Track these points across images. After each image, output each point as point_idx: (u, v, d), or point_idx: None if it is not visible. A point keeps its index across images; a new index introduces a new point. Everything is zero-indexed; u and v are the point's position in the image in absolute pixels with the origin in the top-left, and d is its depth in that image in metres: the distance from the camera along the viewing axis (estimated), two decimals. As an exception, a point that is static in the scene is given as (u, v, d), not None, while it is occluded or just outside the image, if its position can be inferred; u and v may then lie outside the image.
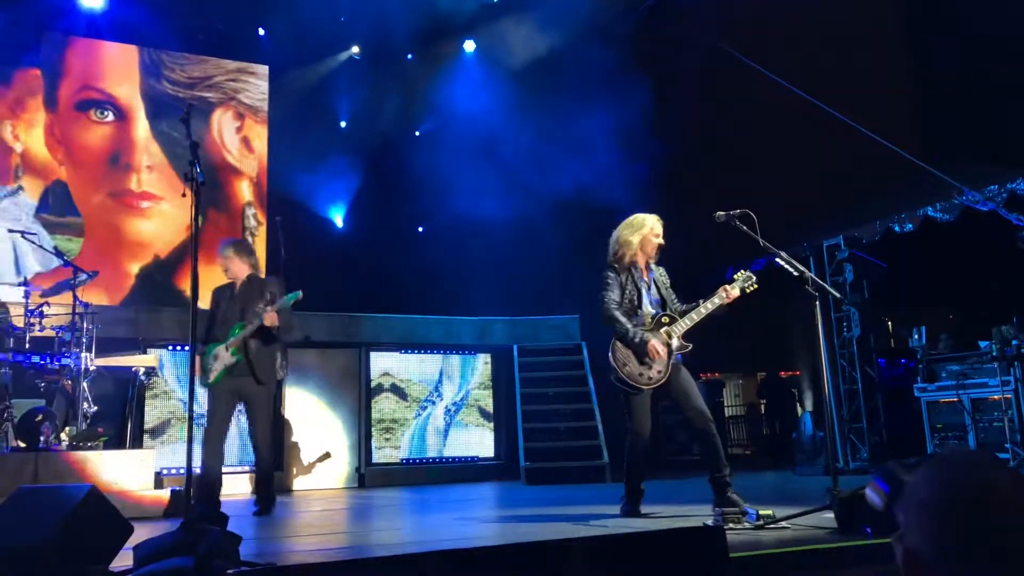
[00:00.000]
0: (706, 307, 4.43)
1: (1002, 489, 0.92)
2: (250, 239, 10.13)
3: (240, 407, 5.65)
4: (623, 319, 4.46)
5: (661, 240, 4.62)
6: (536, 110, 9.96)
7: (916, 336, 8.09)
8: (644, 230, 4.60)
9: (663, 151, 8.70)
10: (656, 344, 4.36)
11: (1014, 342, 7.15)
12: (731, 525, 3.77)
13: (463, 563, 2.03)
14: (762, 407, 12.08)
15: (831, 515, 3.66)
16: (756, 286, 4.46)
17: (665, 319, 4.48)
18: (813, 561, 3.02)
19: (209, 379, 5.43)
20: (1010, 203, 7.08)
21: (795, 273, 4.27)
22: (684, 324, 4.45)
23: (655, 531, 2.35)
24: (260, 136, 10.68)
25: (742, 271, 4.51)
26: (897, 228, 8.33)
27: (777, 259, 4.30)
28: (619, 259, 4.62)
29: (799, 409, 12.35)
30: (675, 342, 4.44)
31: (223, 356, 5.38)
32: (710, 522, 3.91)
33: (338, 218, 11.08)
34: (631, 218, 4.71)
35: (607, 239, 4.80)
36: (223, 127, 10.50)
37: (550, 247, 9.82)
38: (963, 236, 8.07)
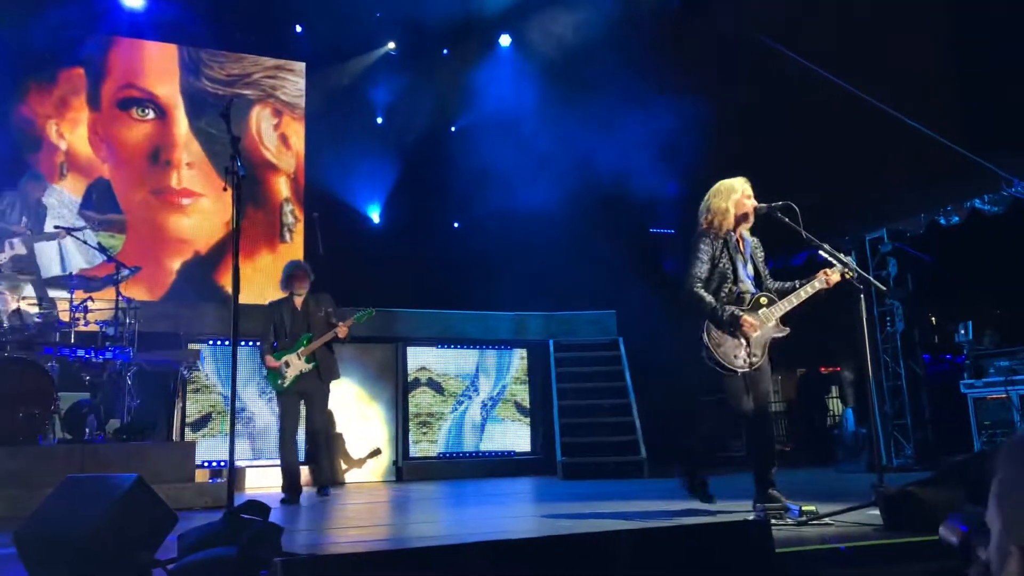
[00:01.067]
0: (806, 291, 4.19)
1: None
2: (288, 235, 10.24)
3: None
4: (706, 296, 4.17)
5: (755, 202, 4.30)
6: (572, 104, 9.93)
7: (962, 331, 7.92)
8: (736, 194, 4.28)
9: (700, 143, 8.61)
10: (750, 319, 4.09)
11: (1066, 337, 6.98)
12: (774, 520, 3.72)
13: (505, 555, 2.03)
14: (801, 403, 11.94)
15: (876, 512, 3.59)
16: (854, 273, 4.14)
17: (763, 299, 4.19)
18: (858, 558, 2.97)
19: (284, 384, 6.17)
20: (1061, 194, 6.90)
21: (838, 265, 4.19)
22: (783, 307, 4.18)
23: (700, 524, 2.33)
24: (297, 132, 10.78)
25: (842, 255, 4.20)
26: (943, 221, 8.16)
27: (820, 252, 4.23)
28: (714, 228, 4.29)
29: (840, 406, 12.16)
30: (772, 325, 4.18)
31: (297, 363, 6.17)
32: (752, 517, 3.86)
33: (375, 214, 11.14)
34: (717, 185, 4.37)
35: (643, 234, 4.66)
36: (261, 124, 10.62)
37: (586, 242, 9.79)
38: (1012, 229, 7.87)
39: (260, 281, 9.76)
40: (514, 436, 9.12)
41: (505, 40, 11.11)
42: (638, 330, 9.10)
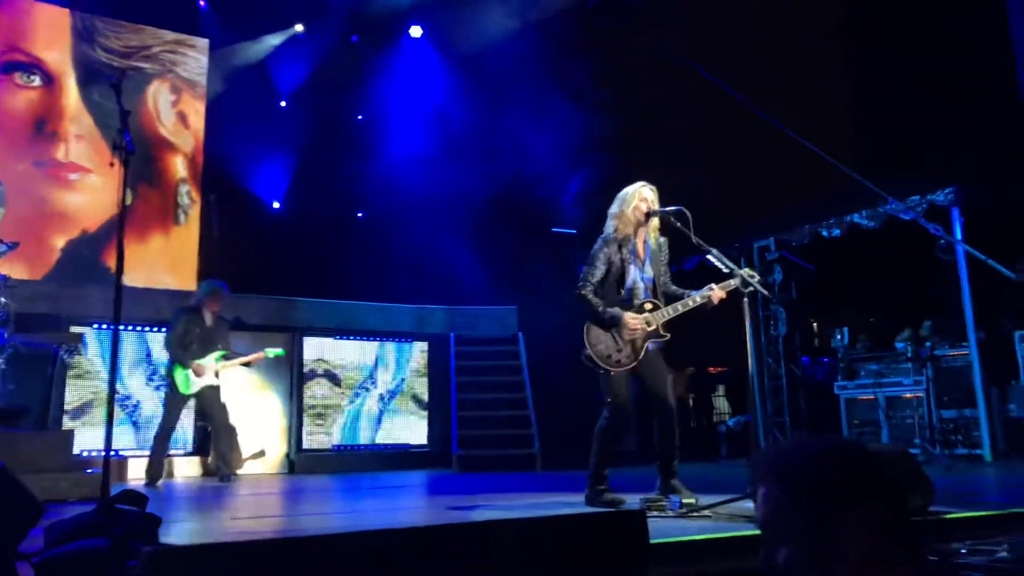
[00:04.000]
0: (690, 302, 4.32)
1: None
2: (183, 217, 9.86)
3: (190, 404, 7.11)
4: (593, 297, 4.32)
5: (648, 206, 4.39)
6: (480, 100, 9.94)
7: (838, 336, 8.37)
8: (635, 200, 4.40)
9: (604, 147, 8.78)
10: (630, 320, 4.24)
11: (927, 344, 7.47)
12: (654, 512, 3.83)
13: (388, 545, 2.02)
14: (691, 401, 12.34)
15: (751, 504, 3.74)
16: (753, 288, 4.22)
17: (648, 305, 4.34)
18: (735, 548, 3.09)
19: (191, 390, 6.73)
20: (930, 213, 7.37)
21: (726, 271, 4.34)
22: (667, 313, 4.32)
23: (578, 515, 2.38)
24: (197, 111, 10.37)
25: (744, 270, 4.27)
26: (825, 233, 8.60)
27: (709, 256, 4.37)
28: (616, 232, 4.42)
29: (726, 403, 12.64)
30: (651, 329, 4.30)
31: (209, 375, 6.78)
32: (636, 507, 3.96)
33: (275, 200, 10.86)
34: (623, 191, 4.49)
35: (544, 233, 4.74)
36: (158, 100, 10.17)
37: (490, 238, 9.83)
38: (886, 243, 8.37)
39: (151, 263, 9.36)
40: (411, 429, 9.07)
41: (416, 31, 11.01)
42: (538, 327, 9.21)
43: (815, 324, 10.88)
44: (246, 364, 7.18)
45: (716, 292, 4.31)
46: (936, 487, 3.55)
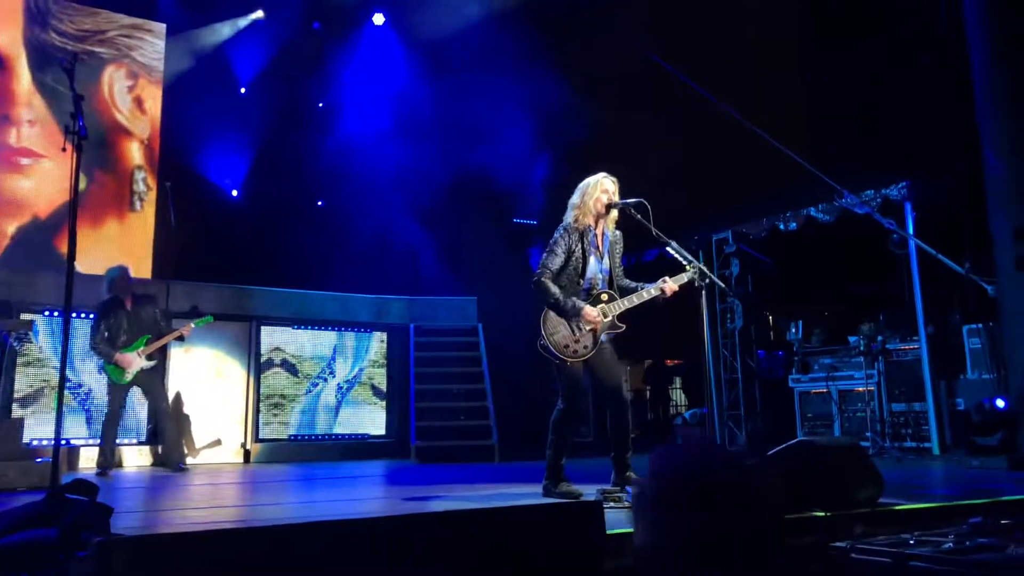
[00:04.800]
0: (644, 294, 4.35)
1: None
2: (138, 204, 9.67)
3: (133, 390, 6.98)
4: (552, 286, 4.30)
5: (609, 198, 4.40)
6: (444, 88, 9.89)
7: (793, 330, 8.50)
8: (596, 191, 4.40)
9: (564, 138, 8.80)
10: (592, 312, 4.26)
11: (879, 338, 7.62)
12: (611, 504, 3.86)
13: (340, 534, 2.01)
14: (647, 393, 12.46)
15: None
16: (696, 274, 4.29)
17: (604, 296, 4.36)
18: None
19: (126, 379, 6.71)
20: (884, 208, 7.51)
21: (684, 262, 4.39)
22: (621, 305, 4.34)
23: (533, 506, 2.39)
24: (154, 97, 10.18)
25: (692, 265, 4.33)
26: (782, 226, 8.72)
27: (668, 248, 4.41)
28: (576, 223, 4.42)
29: (682, 395, 12.80)
30: (608, 320, 4.33)
31: (138, 362, 6.71)
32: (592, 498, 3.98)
33: (233, 188, 10.69)
34: (584, 181, 4.50)
35: (506, 223, 4.73)
36: (114, 85, 9.96)
37: (451, 228, 9.80)
38: (841, 237, 8.51)
39: (105, 250, 9.17)
40: (369, 419, 9.03)
41: (379, 19, 10.91)
42: (497, 318, 9.21)
43: (771, 317, 11.05)
44: (179, 339, 7.00)
45: (669, 285, 4.33)
46: (886, 479, 3.63)
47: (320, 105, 11.11)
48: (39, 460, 5.59)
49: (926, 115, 8.17)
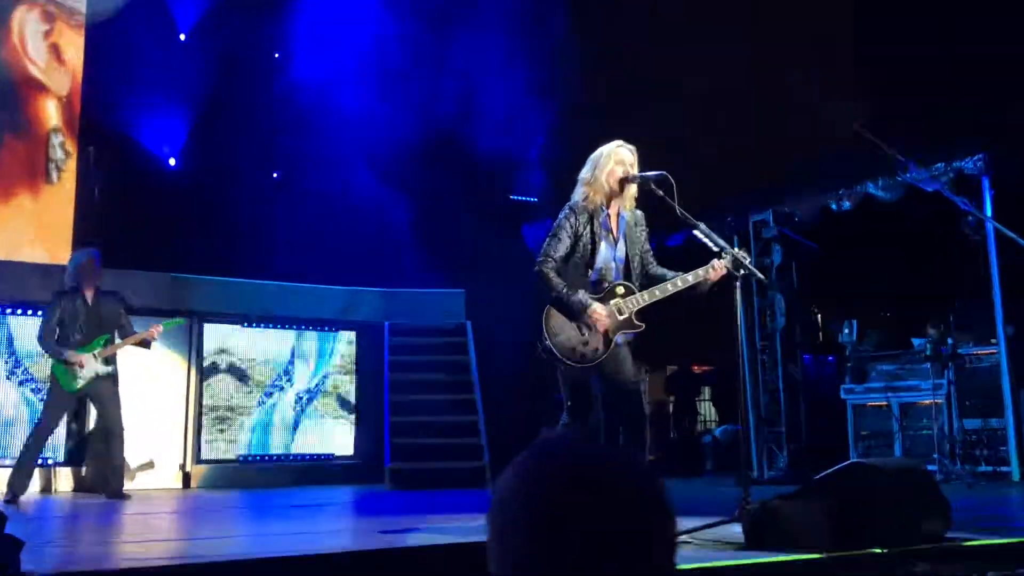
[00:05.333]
0: (679, 282, 4.27)
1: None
2: (55, 174, 9.65)
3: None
4: (555, 277, 4.24)
5: (625, 171, 4.32)
6: (425, 39, 9.86)
7: (846, 330, 8.50)
8: (609, 164, 4.31)
9: (572, 100, 8.78)
10: (599, 311, 4.19)
11: (949, 341, 7.62)
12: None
13: (298, 573, 2.02)
14: (671, 406, 12.48)
15: (739, 528, 3.81)
16: (738, 274, 4.19)
17: (620, 289, 4.29)
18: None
19: (77, 385, 6.59)
20: (957, 184, 7.50)
21: (715, 249, 4.36)
22: (642, 299, 4.26)
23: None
24: (75, 45, 10.13)
25: (726, 252, 4.23)
26: (834, 206, 8.71)
27: (696, 232, 4.39)
28: (585, 201, 4.35)
29: (712, 409, 12.82)
30: (623, 318, 4.26)
31: (93, 365, 6.61)
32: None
33: (171, 156, 10.66)
34: (596, 151, 4.41)
35: (501, 201, 4.71)
36: (25, 30, 9.91)
37: (434, 207, 9.79)
38: (904, 218, 8.51)
39: (16, 229, 9.16)
40: (335, 437, 9.06)
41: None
42: (490, 315, 9.21)
43: (819, 316, 11.06)
44: (141, 344, 6.89)
45: (717, 269, 4.21)
46: (955, 509, 3.65)
47: (276, 56, 11.06)
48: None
49: (1009, 76, 8.17)
